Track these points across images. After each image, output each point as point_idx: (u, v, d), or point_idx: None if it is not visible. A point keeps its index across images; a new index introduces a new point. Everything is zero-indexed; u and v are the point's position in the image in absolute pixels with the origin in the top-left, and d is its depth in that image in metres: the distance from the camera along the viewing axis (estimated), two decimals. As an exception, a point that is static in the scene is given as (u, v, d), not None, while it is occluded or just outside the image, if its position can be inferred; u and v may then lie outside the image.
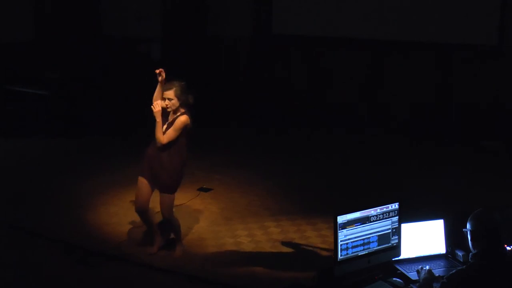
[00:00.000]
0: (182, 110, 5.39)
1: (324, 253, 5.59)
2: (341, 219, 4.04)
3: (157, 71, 5.34)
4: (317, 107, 10.49)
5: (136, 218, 6.34)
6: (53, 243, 5.76)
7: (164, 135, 5.30)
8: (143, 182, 5.48)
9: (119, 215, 6.45)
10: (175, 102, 5.32)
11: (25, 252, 5.62)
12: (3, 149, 8.76)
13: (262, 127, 10.07)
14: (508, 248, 4.21)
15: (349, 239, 4.08)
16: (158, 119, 5.30)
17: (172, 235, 5.78)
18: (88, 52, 10.82)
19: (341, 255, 4.06)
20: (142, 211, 5.54)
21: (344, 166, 8.20)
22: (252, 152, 8.76)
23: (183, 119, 5.34)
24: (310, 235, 6.06)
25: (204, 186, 7.33)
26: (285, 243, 5.89)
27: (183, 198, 6.81)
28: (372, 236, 4.17)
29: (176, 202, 6.75)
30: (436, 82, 9.79)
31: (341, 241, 4.05)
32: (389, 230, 4.23)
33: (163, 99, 5.34)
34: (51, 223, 6.20)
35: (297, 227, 6.27)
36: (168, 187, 5.45)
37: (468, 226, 3.52)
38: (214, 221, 6.41)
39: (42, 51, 10.52)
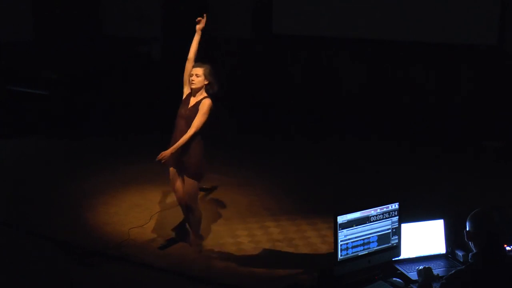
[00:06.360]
0: (205, 94, 5.34)
1: (324, 253, 5.59)
2: (341, 219, 4.03)
3: (198, 18, 5.36)
4: (317, 107, 10.49)
5: (136, 218, 6.35)
6: (53, 243, 5.75)
7: (193, 123, 5.20)
8: (174, 172, 5.50)
9: (119, 215, 6.45)
10: (201, 79, 5.28)
11: (24, 252, 5.62)
12: (3, 149, 8.76)
13: (262, 127, 10.07)
14: (508, 248, 4.21)
15: (349, 239, 4.07)
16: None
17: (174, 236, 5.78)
18: (88, 52, 10.82)
19: (341, 255, 4.06)
20: (183, 202, 5.57)
21: (345, 167, 8.19)
22: (252, 152, 8.75)
23: (208, 102, 5.27)
24: (310, 235, 6.05)
25: (204, 187, 7.32)
26: (285, 243, 5.89)
27: (183, 198, 6.82)
28: (372, 236, 4.17)
29: (176, 202, 6.76)
30: (436, 82, 9.79)
31: (341, 241, 4.04)
32: (389, 230, 4.22)
33: (191, 74, 5.29)
34: (51, 223, 6.20)
35: (297, 227, 6.26)
36: (194, 173, 5.41)
37: (467, 226, 3.52)
38: (214, 221, 6.40)
39: (42, 51, 10.52)
